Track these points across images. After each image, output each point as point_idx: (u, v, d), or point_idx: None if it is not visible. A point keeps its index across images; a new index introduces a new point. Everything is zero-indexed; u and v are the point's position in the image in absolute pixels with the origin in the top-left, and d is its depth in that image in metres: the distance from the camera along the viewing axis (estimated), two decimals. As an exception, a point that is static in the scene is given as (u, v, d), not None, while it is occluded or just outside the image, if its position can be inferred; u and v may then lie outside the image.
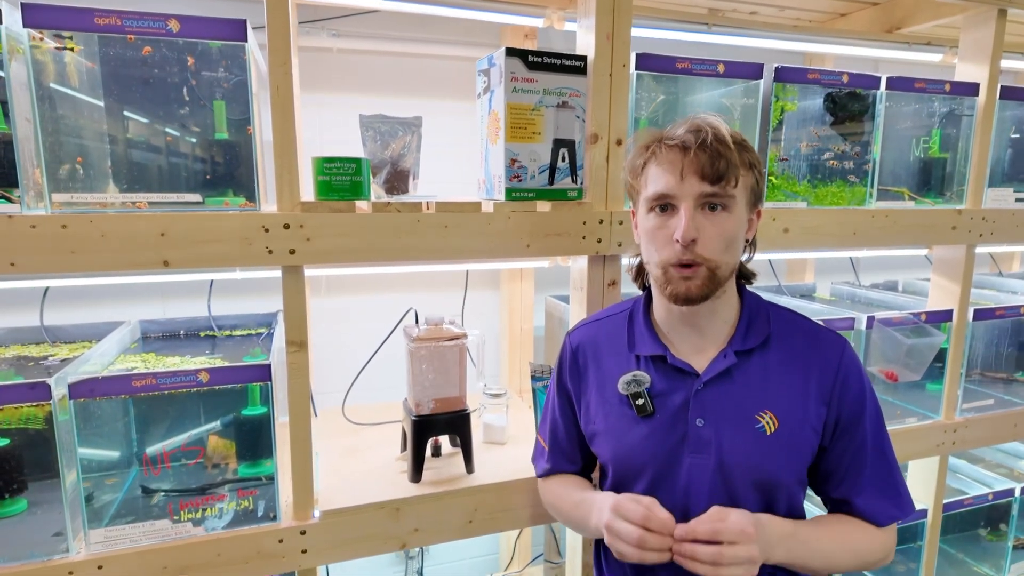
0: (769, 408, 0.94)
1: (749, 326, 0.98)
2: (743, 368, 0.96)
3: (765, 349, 0.97)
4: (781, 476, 0.94)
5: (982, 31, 1.57)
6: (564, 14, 1.55)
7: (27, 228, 0.96)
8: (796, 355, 0.97)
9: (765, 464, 0.93)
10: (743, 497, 0.93)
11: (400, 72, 1.79)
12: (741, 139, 0.92)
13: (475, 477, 1.32)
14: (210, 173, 1.09)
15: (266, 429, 1.18)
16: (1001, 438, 1.77)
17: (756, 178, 0.93)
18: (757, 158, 0.94)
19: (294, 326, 1.12)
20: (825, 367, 0.96)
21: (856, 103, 1.47)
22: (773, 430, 0.93)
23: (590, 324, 1.11)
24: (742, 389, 0.95)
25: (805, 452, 0.95)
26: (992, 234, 1.63)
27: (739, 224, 0.92)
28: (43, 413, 1.03)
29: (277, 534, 1.14)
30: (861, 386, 0.97)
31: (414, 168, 1.31)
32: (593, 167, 1.26)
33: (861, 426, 0.97)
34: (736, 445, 0.93)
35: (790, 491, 0.96)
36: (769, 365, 0.96)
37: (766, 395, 0.95)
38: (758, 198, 0.96)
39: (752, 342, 0.97)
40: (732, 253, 0.92)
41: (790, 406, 0.94)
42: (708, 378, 0.95)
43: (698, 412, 0.94)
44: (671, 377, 0.97)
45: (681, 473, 0.95)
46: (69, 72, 1.00)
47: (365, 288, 1.85)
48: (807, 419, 0.94)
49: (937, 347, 1.62)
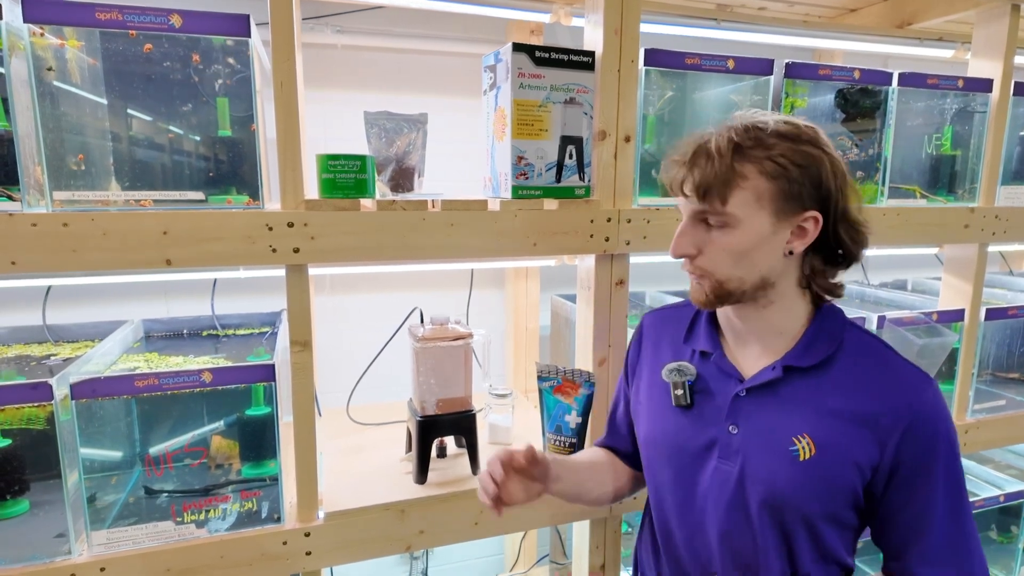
0: (809, 433, 0.85)
1: (811, 344, 0.89)
2: (792, 384, 0.88)
3: (823, 370, 0.88)
4: (803, 506, 0.85)
5: (995, 26, 1.55)
6: (571, 9, 1.53)
7: (28, 226, 0.95)
8: (859, 384, 0.86)
9: (787, 489, 0.85)
10: (757, 518, 0.88)
11: (405, 68, 1.78)
12: (752, 142, 0.81)
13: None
14: (213, 171, 1.08)
15: (270, 429, 1.17)
16: (1013, 439, 1.75)
17: (783, 186, 0.80)
18: (787, 159, 0.80)
19: (298, 325, 1.11)
20: (892, 406, 0.84)
21: (867, 100, 1.45)
22: (807, 457, 0.85)
23: (663, 311, 1.10)
24: (785, 406, 0.88)
25: (842, 489, 0.85)
26: (1005, 233, 1.61)
27: (745, 239, 0.82)
28: (45, 413, 1.02)
29: (281, 536, 1.13)
30: (934, 438, 0.83)
31: (419, 166, 1.30)
32: (601, 164, 1.24)
33: (927, 482, 0.84)
34: (762, 462, 0.87)
35: (813, 526, 0.86)
36: (823, 388, 0.87)
37: (810, 418, 0.86)
38: (796, 204, 0.81)
39: (808, 360, 0.88)
40: (744, 267, 0.84)
41: (834, 436, 0.85)
42: (750, 386, 0.90)
43: (733, 418, 0.90)
44: (717, 377, 0.94)
45: (705, 476, 0.92)
46: (70, 68, 0.99)
47: (370, 287, 1.84)
48: (851, 455, 0.84)
49: (949, 347, 1.60)
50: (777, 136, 0.81)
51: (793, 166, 0.80)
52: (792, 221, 0.83)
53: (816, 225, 0.83)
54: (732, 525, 0.90)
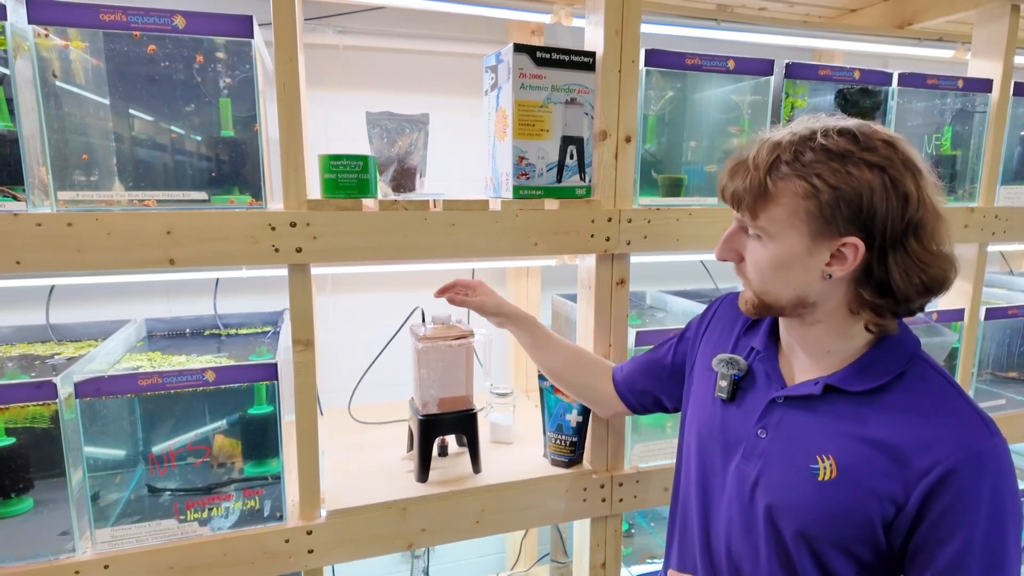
0: (834, 455, 0.81)
1: (863, 370, 0.83)
2: (833, 404, 0.83)
3: (871, 399, 0.82)
4: (810, 528, 0.81)
5: (995, 26, 1.55)
6: (572, 10, 1.54)
7: (32, 226, 0.96)
8: (905, 419, 0.79)
9: (797, 506, 0.83)
10: (762, 530, 0.86)
11: (407, 69, 1.78)
12: (792, 156, 0.76)
13: (482, 477, 1.31)
14: (216, 171, 1.09)
15: (272, 428, 1.17)
16: (1013, 439, 1.75)
17: (819, 202, 0.74)
18: (822, 179, 0.73)
19: (300, 325, 1.11)
20: (934, 447, 0.75)
21: (867, 100, 1.45)
22: (827, 478, 0.81)
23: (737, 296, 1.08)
24: (819, 424, 0.84)
25: (857, 520, 0.79)
26: (1005, 232, 1.61)
27: (777, 255, 0.79)
28: (49, 412, 1.02)
29: (283, 534, 1.14)
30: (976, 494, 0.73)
31: (421, 166, 1.31)
32: (602, 164, 1.24)
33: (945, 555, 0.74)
34: (779, 472, 0.85)
35: (819, 552, 0.81)
36: (864, 416, 0.81)
37: (840, 442, 0.81)
38: (829, 224, 0.75)
39: (855, 386, 0.82)
40: (777, 283, 0.81)
41: (859, 463, 0.79)
42: (789, 395, 0.87)
43: (764, 422, 0.89)
44: (763, 378, 0.93)
45: (728, 472, 0.92)
46: (75, 69, 1.00)
47: (371, 287, 1.85)
48: (872, 485, 0.78)
49: (949, 347, 1.60)
50: (822, 151, 0.75)
51: (827, 187, 0.74)
52: (830, 244, 0.77)
53: (856, 253, 0.75)
54: (739, 525, 0.90)
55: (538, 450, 1.42)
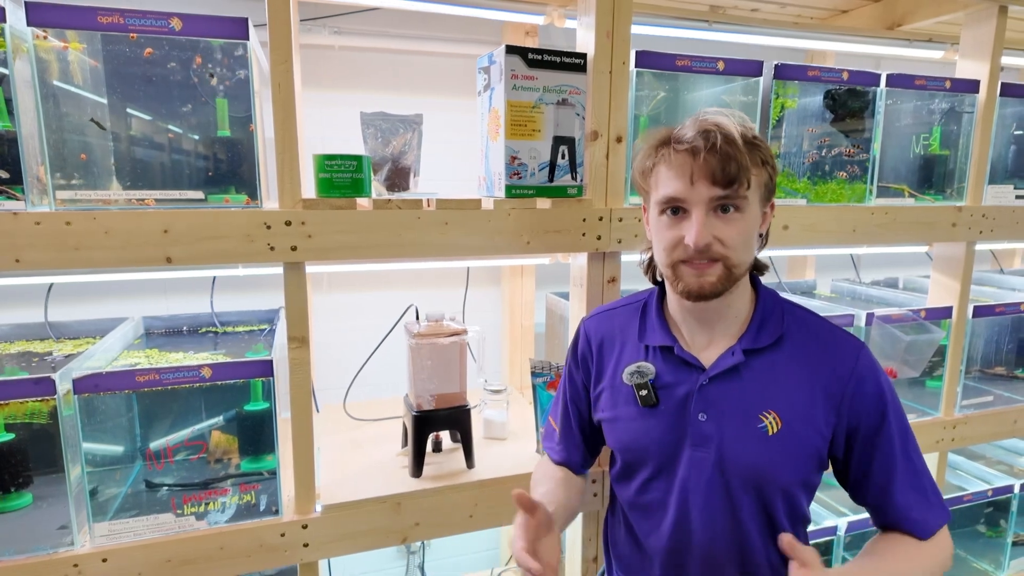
0: (773, 408, 0.92)
1: (762, 324, 0.96)
2: (751, 366, 0.94)
3: (776, 348, 0.95)
4: (779, 477, 0.92)
5: (983, 28, 1.57)
6: (565, 11, 1.55)
7: (31, 225, 0.97)
8: (807, 357, 0.95)
9: (763, 464, 0.92)
10: (739, 495, 0.93)
11: (401, 69, 1.80)
12: (752, 137, 0.90)
13: (475, 472, 1.33)
14: (212, 170, 1.10)
15: (268, 424, 1.19)
16: (1000, 435, 1.78)
17: (769, 173, 0.92)
18: (770, 153, 0.92)
19: (296, 322, 1.13)
20: (836, 372, 0.93)
21: (856, 100, 1.47)
22: (776, 431, 0.92)
23: (605, 312, 1.11)
24: (748, 387, 0.94)
25: (810, 456, 0.93)
26: (992, 231, 1.63)
27: (753, 223, 0.91)
28: (48, 408, 1.04)
29: (279, 528, 1.15)
30: (879, 392, 0.93)
31: (415, 165, 1.32)
32: (593, 164, 1.26)
33: (885, 435, 0.93)
34: (736, 443, 0.92)
35: (790, 493, 0.94)
36: (778, 365, 0.94)
37: (772, 395, 0.93)
38: (771, 192, 0.95)
39: (763, 341, 0.95)
40: (748, 250, 0.92)
41: (795, 408, 0.92)
42: (713, 374, 0.94)
43: (701, 407, 0.94)
44: (678, 369, 0.97)
45: (681, 465, 0.96)
46: (72, 70, 1.01)
47: (366, 285, 1.86)
48: (813, 423, 0.92)
49: (936, 344, 1.62)
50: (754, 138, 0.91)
51: (771, 158, 0.93)
52: (765, 207, 0.95)
53: (772, 210, 0.97)
54: (714, 506, 0.94)
55: (531, 446, 1.44)
